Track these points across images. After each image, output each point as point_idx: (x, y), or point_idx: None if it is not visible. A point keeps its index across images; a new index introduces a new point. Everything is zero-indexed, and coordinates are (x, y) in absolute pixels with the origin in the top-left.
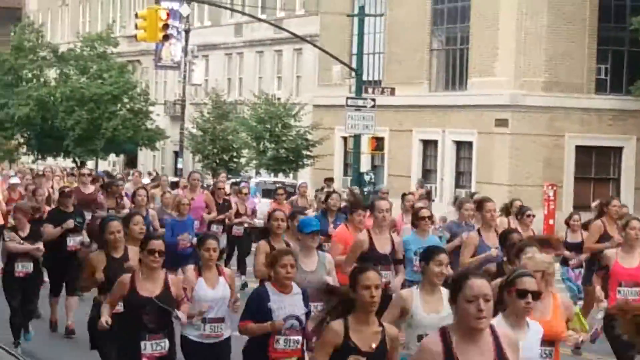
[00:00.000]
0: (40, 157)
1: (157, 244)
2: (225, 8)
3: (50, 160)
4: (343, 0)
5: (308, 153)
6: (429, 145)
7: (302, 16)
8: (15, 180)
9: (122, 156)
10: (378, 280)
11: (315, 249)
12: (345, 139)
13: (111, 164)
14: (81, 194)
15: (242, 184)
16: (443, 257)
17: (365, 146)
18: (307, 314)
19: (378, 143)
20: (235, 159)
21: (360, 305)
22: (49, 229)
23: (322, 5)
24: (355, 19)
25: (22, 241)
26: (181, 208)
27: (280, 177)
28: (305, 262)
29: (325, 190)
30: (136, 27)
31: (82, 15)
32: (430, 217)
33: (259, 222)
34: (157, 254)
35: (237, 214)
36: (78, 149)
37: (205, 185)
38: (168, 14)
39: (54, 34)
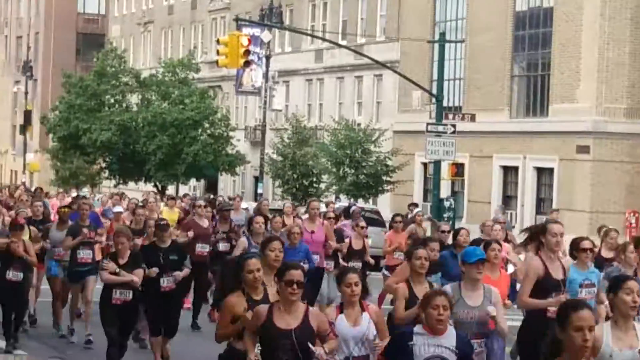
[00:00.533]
0: (121, 181)
1: (296, 274)
2: (306, 34)
3: (131, 184)
4: (423, 26)
5: (388, 179)
6: (509, 172)
7: (382, 42)
8: (119, 208)
9: (202, 181)
10: (592, 321)
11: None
12: (425, 165)
13: (192, 188)
14: (198, 227)
15: (353, 208)
16: (632, 284)
17: (446, 172)
18: (465, 356)
19: (458, 169)
20: (315, 185)
21: (569, 348)
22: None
23: (402, 31)
24: (436, 45)
25: (118, 269)
26: (292, 237)
27: (360, 203)
28: (469, 295)
29: (410, 216)
30: (218, 53)
31: (164, 41)
32: (592, 250)
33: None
34: (295, 285)
35: (351, 250)
36: (159, 174)
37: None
38: (249, 40)
39: (136, 59)
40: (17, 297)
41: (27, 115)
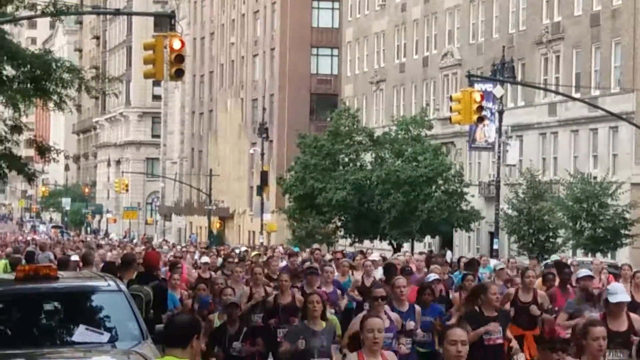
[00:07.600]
0: (357, 239)
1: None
2: (539, 88)
3: (367, 242)
4: None
5: (626, 232)
6: None
7: (617, 94)
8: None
9: (437, 237)
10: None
11: None
12: None
13: (426, 245)
14: None
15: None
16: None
17: None
18: None
19: None
20: (551, 240)
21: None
22: None
23: (638, 82)
24: None
25: None
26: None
27: (598, 258)
28: None
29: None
30: (450, 109)
31: (396, 99)
32: None
33: None
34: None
35: None
36: (394, 232)
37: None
38: (482, 96)
39: (369, 118)
40: None
41: (264, 176)
